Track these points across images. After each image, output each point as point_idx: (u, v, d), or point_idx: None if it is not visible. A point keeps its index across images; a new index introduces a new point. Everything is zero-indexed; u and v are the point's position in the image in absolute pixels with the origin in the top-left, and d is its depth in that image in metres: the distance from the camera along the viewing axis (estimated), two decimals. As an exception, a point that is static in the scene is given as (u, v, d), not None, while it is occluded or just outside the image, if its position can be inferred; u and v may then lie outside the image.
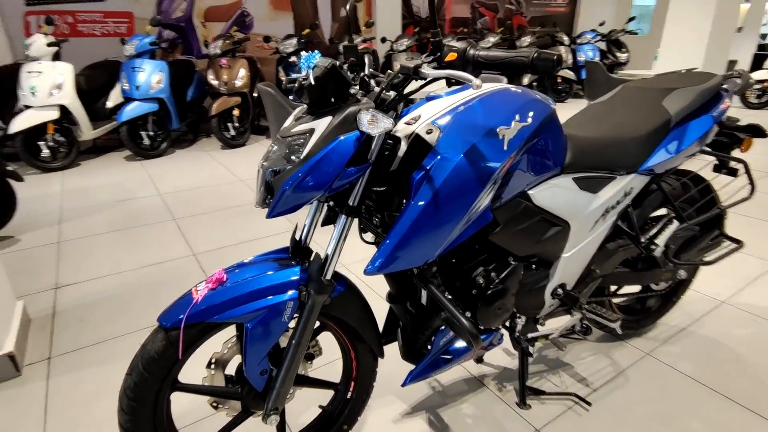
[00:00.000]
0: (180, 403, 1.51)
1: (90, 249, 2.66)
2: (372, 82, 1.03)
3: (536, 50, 0.82)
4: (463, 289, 1.21)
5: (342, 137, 0.91)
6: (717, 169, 1.59)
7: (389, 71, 0.97)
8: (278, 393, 1.07)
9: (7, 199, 2.78)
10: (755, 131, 1.48)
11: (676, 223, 1.44)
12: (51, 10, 4.85)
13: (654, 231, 1.44)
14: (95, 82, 4.57)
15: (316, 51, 0.96)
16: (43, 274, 2.39)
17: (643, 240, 1.42)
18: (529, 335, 1.35)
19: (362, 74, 1.02)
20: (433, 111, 1.06)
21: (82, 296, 2.18)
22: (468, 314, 1.24)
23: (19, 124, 3.82)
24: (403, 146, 1.03)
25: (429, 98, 1.12)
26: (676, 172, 1.55)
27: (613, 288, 1.73)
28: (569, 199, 1.22)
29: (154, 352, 0.98)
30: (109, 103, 4.52)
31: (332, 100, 0.94)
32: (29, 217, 3.13)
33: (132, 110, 4.24)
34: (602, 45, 7.33)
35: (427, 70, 0.84)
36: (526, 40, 6.80)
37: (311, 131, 0.93)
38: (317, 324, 1.20)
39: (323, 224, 1.20)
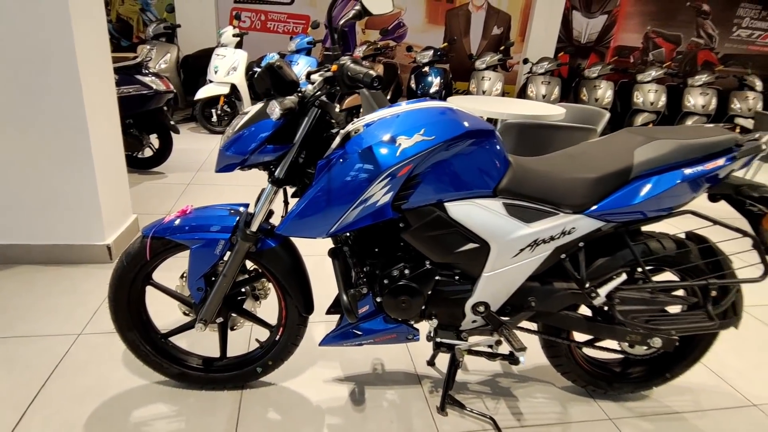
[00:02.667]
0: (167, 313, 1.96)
1: (206, 195, 3.39)
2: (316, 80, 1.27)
3: (359, 70, 1.00)
4: (381, 278, 1.37)
5: (261, 121, 1.18)
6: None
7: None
8: (206, 309, 1.40)
9: (166, 145, 3.71)
10: None
11: (624, 276, 1.34)
12: (249, 8, 6.07)
13: (601, 279, 1.36)
14: (264, 68, 5.59)
15: (274, 54, 1.26)
16: (164, 202, 3.16)
17: (587, 286, 1.36)
18: (439, 339, 1.43)
19: (306, 73, 1.27)
20: (375, 116, 1.26)
21: (179, 225, 2.85)
22: (378, 300, 1.39)
23: (201, 93, 4.94)
24: (337, 141, 1.25)
25: (394, 105, 1.31)
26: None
27: (585, 337, 1.64)
28: (490, 221, 1.27)
29: (133, 249, 1.39)
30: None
31: (271, 92, 1.22)
32: (180, 161, 4.08)
33: (280, 95, 5.12)
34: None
35: (313, 77, 1.06)
36: (701, 78, 5.94)
37: (247, 113, 1.22)
38: (259, 270, 1.50)
39: (292, 196, 1.48)
